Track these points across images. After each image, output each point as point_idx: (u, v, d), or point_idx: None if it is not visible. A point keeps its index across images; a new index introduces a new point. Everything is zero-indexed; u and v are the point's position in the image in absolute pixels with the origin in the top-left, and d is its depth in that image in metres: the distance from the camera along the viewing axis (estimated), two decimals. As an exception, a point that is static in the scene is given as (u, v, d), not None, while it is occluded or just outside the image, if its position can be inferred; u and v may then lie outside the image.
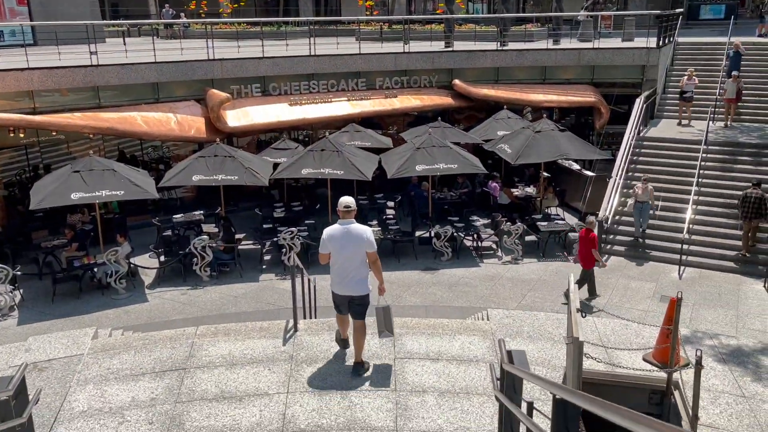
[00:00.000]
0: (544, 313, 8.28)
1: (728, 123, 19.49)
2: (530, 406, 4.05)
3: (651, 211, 15.82)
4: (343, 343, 7.35)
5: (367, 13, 33.37)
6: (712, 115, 19.24)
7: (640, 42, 21.58)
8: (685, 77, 19.80)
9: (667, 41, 22.02)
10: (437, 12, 25.77)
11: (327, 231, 7.09)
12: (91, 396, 6.43)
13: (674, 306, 6.69)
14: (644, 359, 7.08)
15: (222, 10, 33.23)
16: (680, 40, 23.98)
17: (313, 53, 19.82)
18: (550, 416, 3.91)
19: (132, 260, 15.14)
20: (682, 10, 26.39)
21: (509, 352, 4.93)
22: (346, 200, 7.02)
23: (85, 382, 6.67)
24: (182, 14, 34.70)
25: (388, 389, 6.52)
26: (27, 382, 6.57)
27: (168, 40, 27.90)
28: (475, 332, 7.67)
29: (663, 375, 6.57)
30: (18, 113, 15.59)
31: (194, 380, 6.69)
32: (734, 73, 19.19)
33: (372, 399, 6.36)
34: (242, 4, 34.11)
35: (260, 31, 21.46)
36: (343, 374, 6.78)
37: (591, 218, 13.72)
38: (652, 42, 20.84)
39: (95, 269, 14.30)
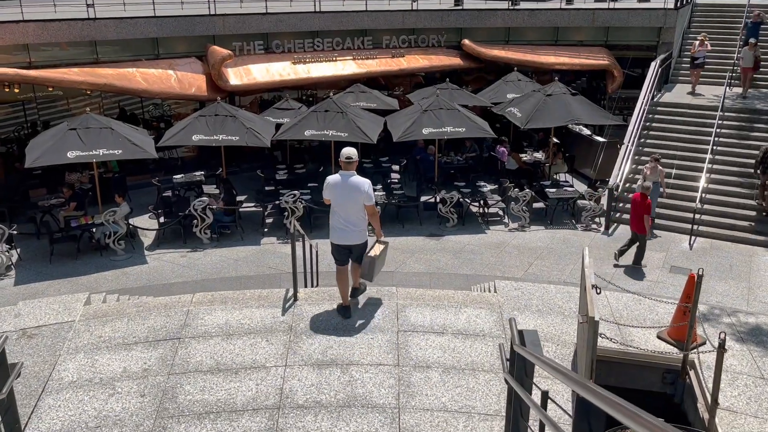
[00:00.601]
0: (554, 286, 7.96)
1: (745, 93, 18.65)
2: (545, 397, 3.74)
3: (661, 190, 15.07)
4: (344, 310, 7.26)
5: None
6: (728, 81, 18.61)
7: (656, 3, 20.79)
8: (697, 43, 19.01)
9: (685, 2, 21.21)
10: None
11: (328, 179, 7.27)
12: (81, 365, 6.18)
13: (693, 283, 6.36)
14: (659, 337, 6.78)
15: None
16: (698, 1, 23.12)
17: (318, 9, 19.14)
18: (566, 408, 3.60)
19: (131, 221, 14.86)
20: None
21: (520, 332, 4.61)
22: (348, 151, 7.14)
23: (76, 350, 6.42)
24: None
25: (390, 364, 6.25)
26: (15, 349, 6.34)
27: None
28: (481, 305, 7.36)
29: (678, 355, 6.28)
30: (13, 68, 15.11)
31: (189, 351, 6.44)
32: (751, 40, 18.26)
33: (373, 374, 6.09)
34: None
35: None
36: (345, 347, 6.51)
37: (648, 183, 13.24)
38: (670, 3, 20.06)
39: (93, 230, 14.03)
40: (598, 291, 5.62)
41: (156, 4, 17.59)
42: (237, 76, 17.71)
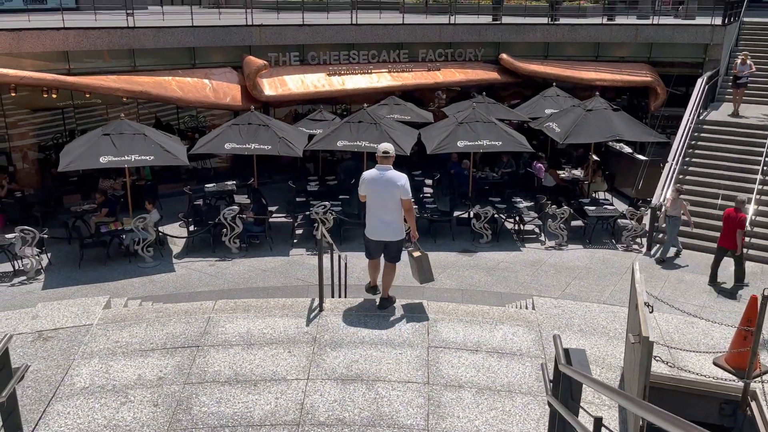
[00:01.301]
0: (597, 305, 7.43)
1: None
2: (598, 424, 3.27)
3: (685, 218, 13.89)
4: (372, 289, 7.45)
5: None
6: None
7: (702, 20, 20.14)
8: (738, 61, 18.08)
9: (732, 20, 20.49)
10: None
11: (364, 174, 7.21)
12: (95, 371, 5.89)
13: (755, 305, 5.80)
14: (715, 363, 6.20)
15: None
16: (746, 19, 22.35)
17: (354, 22, 19.00)
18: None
19: (161, 228, 14.76)
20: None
21: (566, 351, 4.15)
22: (385, 146, 7.13)
23: (91, 355, 6.14)
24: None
25: (419, 382, 5.81)
26: (29, 351, 6.09)
27: (210, 9, 27.43)
28: (519, 322, 6.88)
29: (738, 383, 5.70)
30: (52, 74, 15.25)
31: (207, 359, 6.10)
32: None
33: (401, 392, 5.66)
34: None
35: (301, 1, 20.62)
36: (371, 361, 6.10)
37: (742, 196, 12.64)
38: (717, 20, 19.39)
39: (123, 236, 13.94)
40: (651, 309, 5.12)
41: (194, 16, 17.67)
42: (272, 86, 17.62)
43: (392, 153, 7.07)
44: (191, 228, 14.85)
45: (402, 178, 6.99)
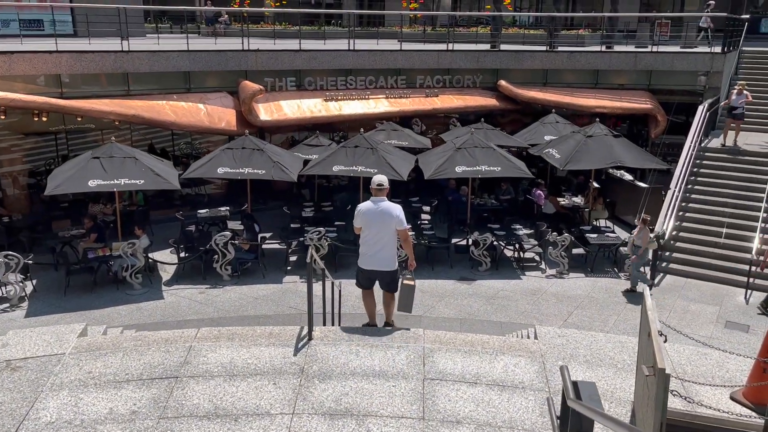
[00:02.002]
0: (604, 334, 7.00)
1: None
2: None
3: (632, 257, 13.33)
4: (371, 326, 7.56)
5: (411, 17, 32.39)
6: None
7: (703, 48, 20.07)
8: (734, 91, 17.31)
9: (732, 48, 20.42)
10: (485, 11, 24.62)
11: (360, 206, 7.42)
12: (63, 404, 5.45)
13: (774, 334, 5.40)
14: (732, 398, 5.77)
15: (264, 7, 32.65)
16: (745, 48, 22.30)
17: (352, 48, 18.88)
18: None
19: (151, 255, 14.37)
20: (748, 16, 24.62)
21: (575, 384, 3.74)
22: (379, 178, 7.32)
23: (60, 387, 5.70)
24: (223, 12, 34.25)
25: (414, 417, 5.37)
26: (-8, 383, 5.64)
27: (208, 38, 27.38)
28: (520, 352, 6.46)
29: (759, 420, 5.27)
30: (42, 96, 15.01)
31: (186, 392, 5.66)
32: None
33: (394, 428, 5.21)
34: (284, 2, 33.45)
35: (299, 29, 20.46)
36: (362, 395, 5.66)
37: None
38: (716, 48, 19.30)
39: (111, 262, 13.53)
40: (665, 339, 4.72)
41: (190, 41, 17.52)
42: (267, 111, 17.39)
43: (386, 185, 7.28)
44: (182, 254, 14.45)
45: (397, 209, 7.23)
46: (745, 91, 17.10)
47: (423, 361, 6.23)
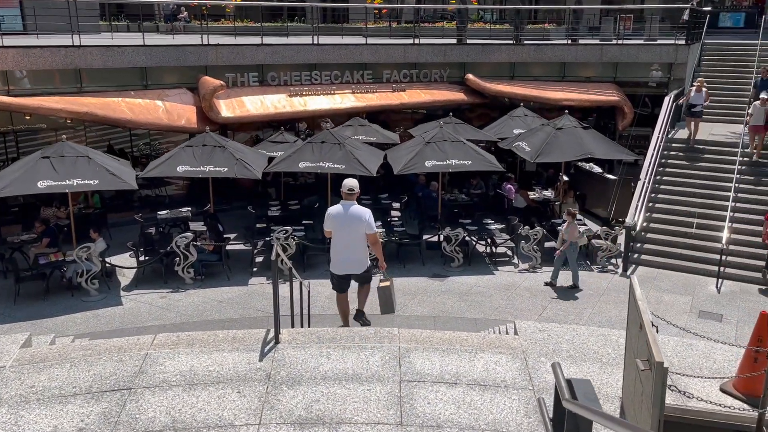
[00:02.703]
0: (586, 327, 6.70)
1: (758, 155, 15.88)
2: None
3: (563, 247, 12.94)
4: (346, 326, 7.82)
5: (375, 12, 32.00)
6: (746, 119, 17.60)
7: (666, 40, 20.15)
8: (693, 89, 16.78)
9: (695, 40, 20.53)
10: (450, 5, 24.31)
11: (329, 210, 7.60)
12: (1, 423, 4.89)
13: (766, 322, 5.14)
14: (722, 390, 5.51)
15: (225, 4, 31.82)
16: (707, 41, 22.47)
17: (316, 42, 18.39)
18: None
19: (109, 259, 13.69)
20: (709, 8, 24.88)
21: (569, 383, 3.38)
22: (349, 182, 7.44)
23: (-2, 403, 5.14)
24: (183, 8, 33.28)
25: (391, 423, 4.96)
26: None
27: (167, 35, 26.51)
28: (501, 349, 6.10)
29: (752, 412, 5.01)
30: (-11, 96, 14.20)
31: (140, 404, 5.15)
32: (763, 95, 15.48)
33: (370, 436, 4.80)
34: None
35: (260, 26, 19.75)
36: (335, 400, 5.23)
37: None
38: (679, 41, 19.39)
39: (65, 268, 12.82)
40: (656, 330, 4.41)
41: (147, 37, 16.84)
42: (229, 108, 16.79)
43: (356, 190, 7.42)
44: (141, 258, 13.79)
45: (366, 213, 7.39)
46: (704, 89, 16.61)
47: (399, 362, 5.83)
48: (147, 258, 13.69)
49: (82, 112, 14.69)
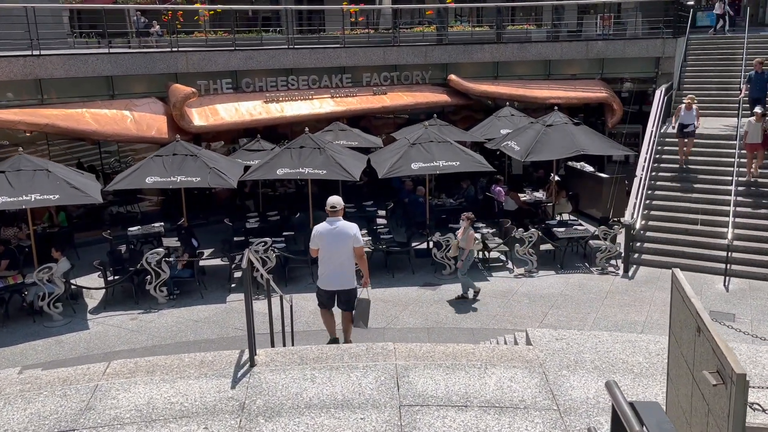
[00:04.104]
0: (609, 333, 5.86)
1: (756, 175, 14.49)
2: None
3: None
4: (333, 342, 7.80)
5: (352, 20, 31.26)
6: (740, 110, 17.03)
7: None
8: (682, 106, 15.17)
9: (679, 35, 20.02)
10: (428, 13, 23.73)
11: (316, 228, 7.68)
12: None
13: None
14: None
15: (198, 17, 30.90)
16: (692, 36, 21.99)
17: (291, 45, 17.59)
18: None
19: (76, 281, 12.67)
20: (692, 2, 24.49)
21: (632, 406, 2.53)
22: (333, 200, 7.59)
23: None
24: (155, 22, 32.32)
25: (392, 460, 4.08)
26: None
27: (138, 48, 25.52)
28: (515, 362, 5.25)
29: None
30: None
31: (84, 450, 4.22)
32: (757, 110, 14.15)
33: (367, 478, 3.91)
34: (219, 11, 31.77)
35: (233, 29, 18.82)
36: (321, 430, 4.33)
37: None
38: (666, 34, 18.89)
39: (25, 291, 11.77)
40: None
41: (114, 45, 15.92)
42: (202, 116, 15.88)
43: (340, 207, 7.55)
44: (110, 277, 12.77)
45: (353, 228, 7.54)
46: (694, 106, 15.05)
47: (397, 382, 4.94)
48: (116, 277, 12.67)
49: (42, 123, 13.69)
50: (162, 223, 15.10)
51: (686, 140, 15.37)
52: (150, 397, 4.81)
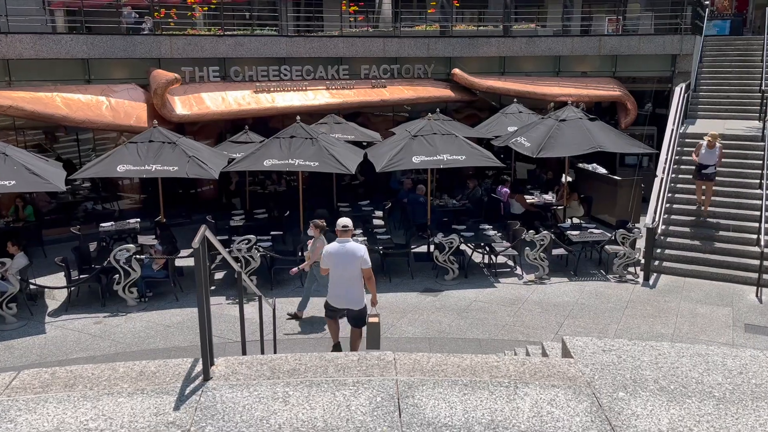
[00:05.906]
0: (670, 344, 4.58)
1: None
2: None
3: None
4: (336, 347, 8.22)
5: (351, 19, 30.15)
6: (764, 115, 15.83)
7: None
8: (704, 143, 13.02)
9: (696, 33, 18.93)
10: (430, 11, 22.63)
11: (326, 248, 7.93)
12: None
13: None
14: None
15: (191, 13, 29.81)
16: (707, 33, 20.91)
17: (285, 33, 16.39)
18: None
19: (37, 280, 11.38)
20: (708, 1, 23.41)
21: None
22: (344, 221, 7.88)
23: None
24: (147, 17, 31.18)
25: None
26: None
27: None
28: (553, 380, 3.97)
29: None
30: None
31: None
32: None
33: None
34: (213, 6, 30.67)
35: (221, 14, 17.59)
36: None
37: None
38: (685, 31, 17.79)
39: (-25, 290, 10.45)
40: None
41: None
42: (185, 104, 14.64)
43: (350, 227, 7.83)
44: (74, 276, 11.45)
45: (361, 249, 7.74)
46: (717, 144, 12.93)
47: (398, 405, 3.66)
48: (81, 276, 11.36)
49: (4, 105, 12.41)
50: (138, 220, 13.80)
51: (704, 185, 13.12)
52: (60, 421, 3.51)
